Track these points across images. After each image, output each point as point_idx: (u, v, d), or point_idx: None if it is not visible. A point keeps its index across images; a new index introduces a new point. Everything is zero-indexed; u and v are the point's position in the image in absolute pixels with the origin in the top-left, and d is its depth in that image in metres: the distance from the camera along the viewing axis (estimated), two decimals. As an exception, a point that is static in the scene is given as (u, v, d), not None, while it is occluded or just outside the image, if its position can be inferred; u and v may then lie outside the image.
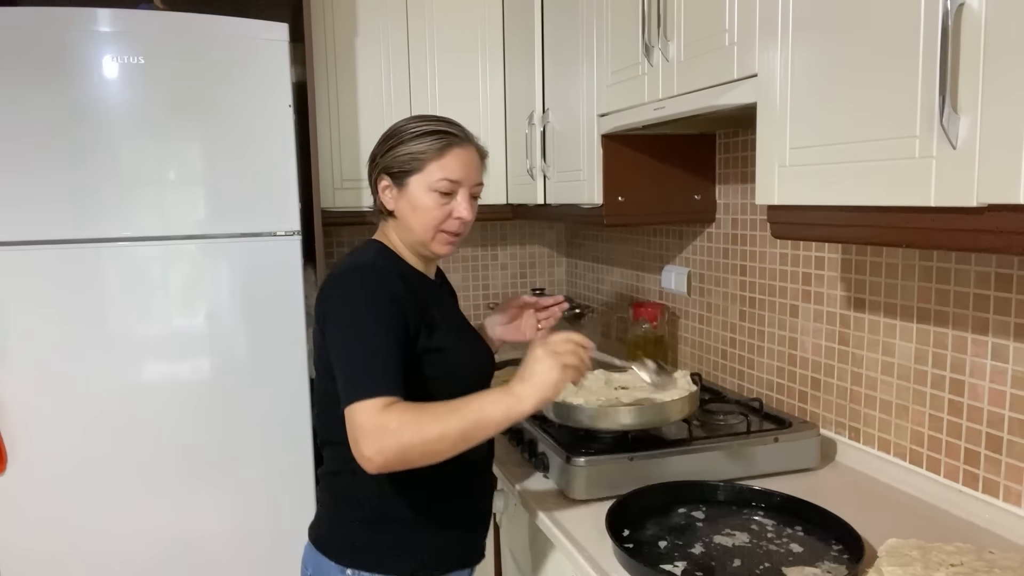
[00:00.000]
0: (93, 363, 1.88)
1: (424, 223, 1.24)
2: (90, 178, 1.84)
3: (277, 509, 2.04)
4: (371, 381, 1.07)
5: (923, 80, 0.88)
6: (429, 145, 1.23)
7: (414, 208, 1.24)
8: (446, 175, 1.23)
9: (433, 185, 1.23)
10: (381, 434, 1.02)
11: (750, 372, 1.86)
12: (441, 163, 1.23)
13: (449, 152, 1.23)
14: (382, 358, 1.10)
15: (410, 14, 2.33)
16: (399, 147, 1.25)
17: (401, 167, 1.24)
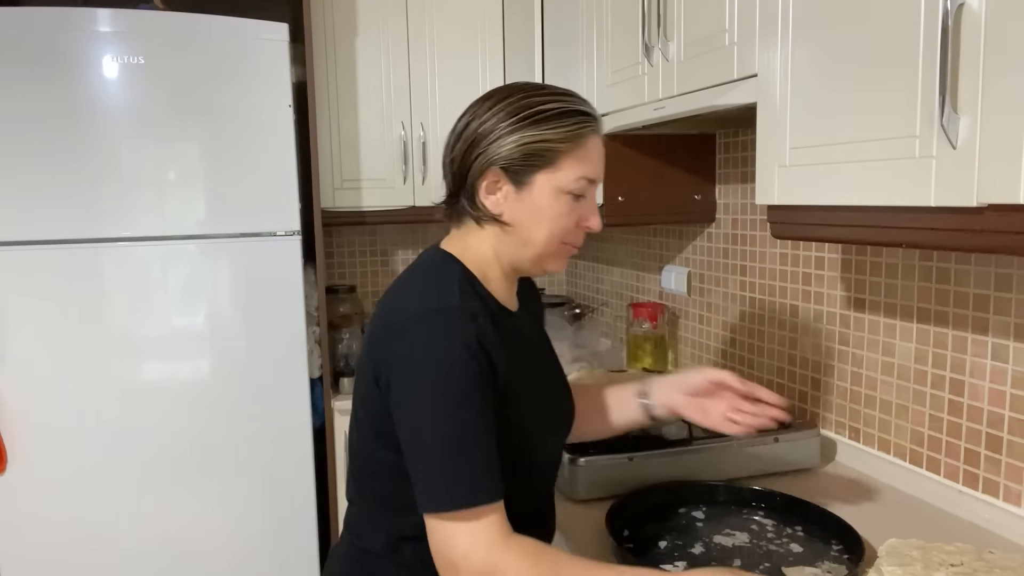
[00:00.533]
0: (93, 363, 1.88)
1: (548, 235, 0.95)
2: (90, 178, 1.84)
3: (277, 509, 2.04)
4: (474, 484, 0.84)
5: (923, 80, 0.88)
6: (569, 131, 0.93)
7: (539, 215, 0.94)
8: (586, 173, 0.94)
9: (565, 185, 0.94)
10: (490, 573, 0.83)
11: (750, 372, 1.86)
12: (580, 155, 0.94)
13: (589, 141, 0.95)
14: (482, 450, 0.85)
15: (410, 14, 2.34)
16: (526, 130, 0.92)
17: (525, 159, 0.93)
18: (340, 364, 2.31)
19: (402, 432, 0.89)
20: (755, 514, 1.29)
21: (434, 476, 0.85)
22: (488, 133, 0.93)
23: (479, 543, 0.83)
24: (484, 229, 0.98)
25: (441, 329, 0.88)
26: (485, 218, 0.96)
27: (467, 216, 0.98)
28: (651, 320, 2.14)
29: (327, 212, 2.25)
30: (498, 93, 0.96)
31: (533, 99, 0.93)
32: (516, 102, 0.93)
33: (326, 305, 2.18)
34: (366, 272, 2.76)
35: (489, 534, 0.84)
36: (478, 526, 0.84)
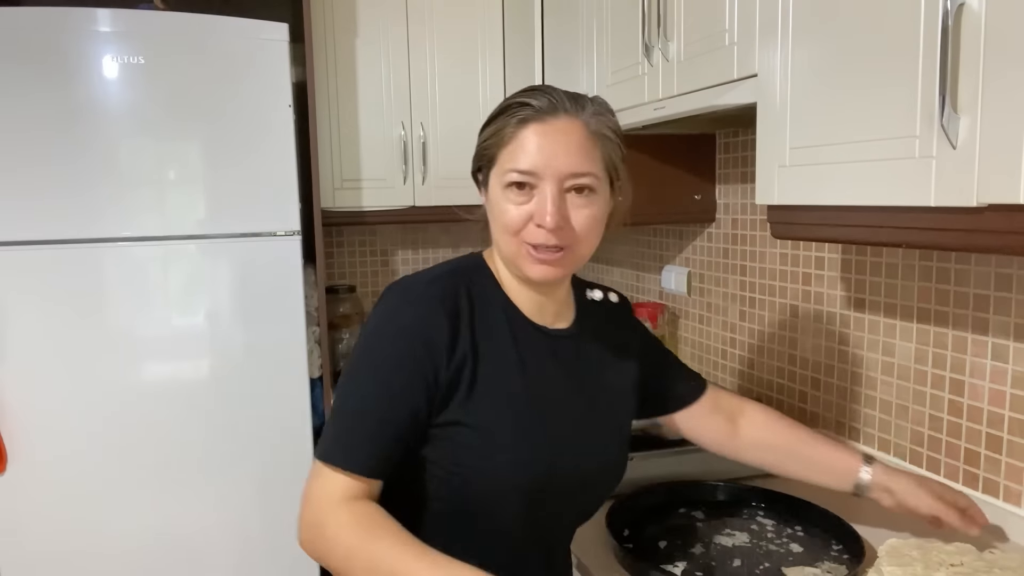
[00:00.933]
0: (93, 363, 1.87)
1: (502, 230, 0.93)
2: (90, 178, 1.84)
3: (277, 508, 2.04)
4: (346, 449, 0.88)
5: (923, 80, 0.88)
6: (497, 127, 0.93)
7: (493, 213, 0.95)
8: (514, 164, 0.90)
9: (503, 178, 0.91)
10: (315, 530, 0.86)
11: (750, 372, 1.86)
12: (512, 148, 0.91)
13: (523, 130, 0.90)
14: (375, 426, 0.89)
15: (410, 14, 2.33)
16: (480, 134, 0.96)
17: (478, 162, 0.97)
18: (340, 364, 2.31)
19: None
20: (755, 514, 1.29)
21: (329, 429, 0.91)
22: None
23: (323, 497, 0.87)
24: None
25: (390, 307, 0.92)
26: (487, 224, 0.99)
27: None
28: (651, 320, 2.14)
29: (327, 212, 2.25)
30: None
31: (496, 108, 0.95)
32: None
33: (326, 305, 2.18)
34: (366, 272, 2.76)
35: (333, 491, 0.87)
36: (331, 481, 0.87)
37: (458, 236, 2.77)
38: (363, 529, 0.84)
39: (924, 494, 1.10)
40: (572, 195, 0.91)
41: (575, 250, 0.93)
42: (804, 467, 1.18)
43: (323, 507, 0.87)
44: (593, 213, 0.92)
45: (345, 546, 0.84)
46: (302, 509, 0.88)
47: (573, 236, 0.91)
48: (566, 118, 0.91)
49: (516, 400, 0.94)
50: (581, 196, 0.91)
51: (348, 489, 0.87)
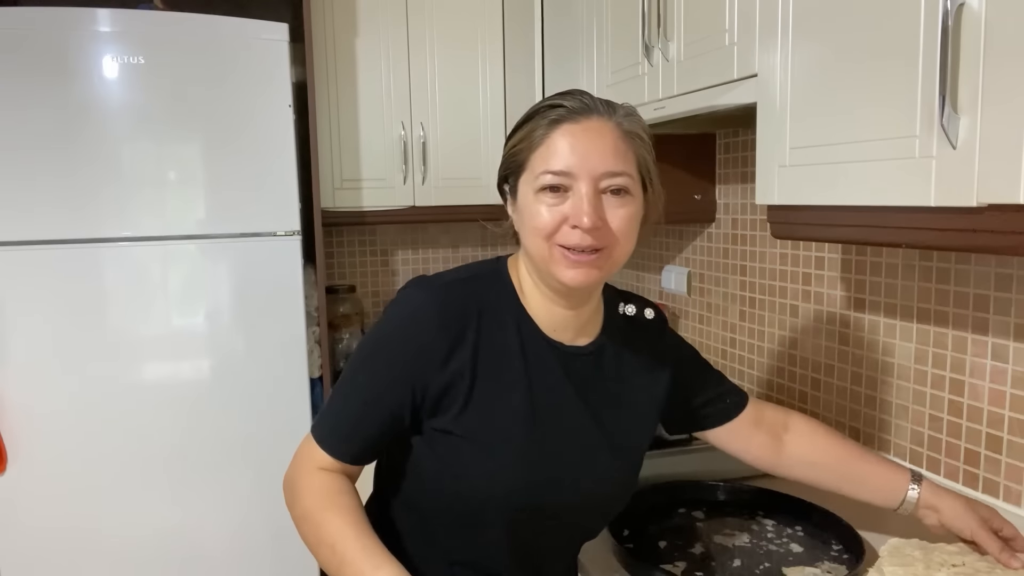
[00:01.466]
0: (93, 363, 1.87)
1: (534, 235, 0.90)
2: (90, 178, 1.84)
3: (277, 508, 2.02)
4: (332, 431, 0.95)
5: (923, 80, 0.88)
6: (527, 131, 0.91)
7: (525, 219, 0.91)
8: (547, 166, 0.88)
9: (536, 183, 0.89)
10: (290, 483, 0.96)
11: (750, 372, 1.86)
12: (542, 152, 0.89)
13: (555, 132, 0.89)
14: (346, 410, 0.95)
15: (410, 14, 2.34)
16: (506, 144, 0.95)
17: (508, 171, 0.95)
18: (340, 364, 2.31)
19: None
20: (755, 514, 1.29)
21: (323, 413, 0.98)
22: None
23: (304, 458, 0.96)
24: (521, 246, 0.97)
25: (401, 305, 0.93)
26: (515, 235, 0.97)
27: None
28: (651, 320, 2.14)
29: (327, 212, 2.25)
30: None
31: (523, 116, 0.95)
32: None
33: (326, 305, 2.18)
34: (366, 272, 2.76)
35: (312, 457, 0.95)
36: (315, 448, 0.95)
37: (458, 236, 2.77)
38: (323, 498, 0.91)
39: (971, 518, 1.06)
40: (608, 196, 0.89)
41: (612, 253, 0.90)
42: (853, 485, 1.15)
43: (301, 467, 0.96)
44: (629, 214, 0.90)
45: (303, 507, 0.92)
46: (288, 472, 0.97)
47: (610, 237, 0.89)
48: (598, 119, 0.90)
49: (514, 417, 0.93)
50: (617, 197, 0.90)
51: (326, 461, 0.95)
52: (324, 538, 0.88)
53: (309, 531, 0.91)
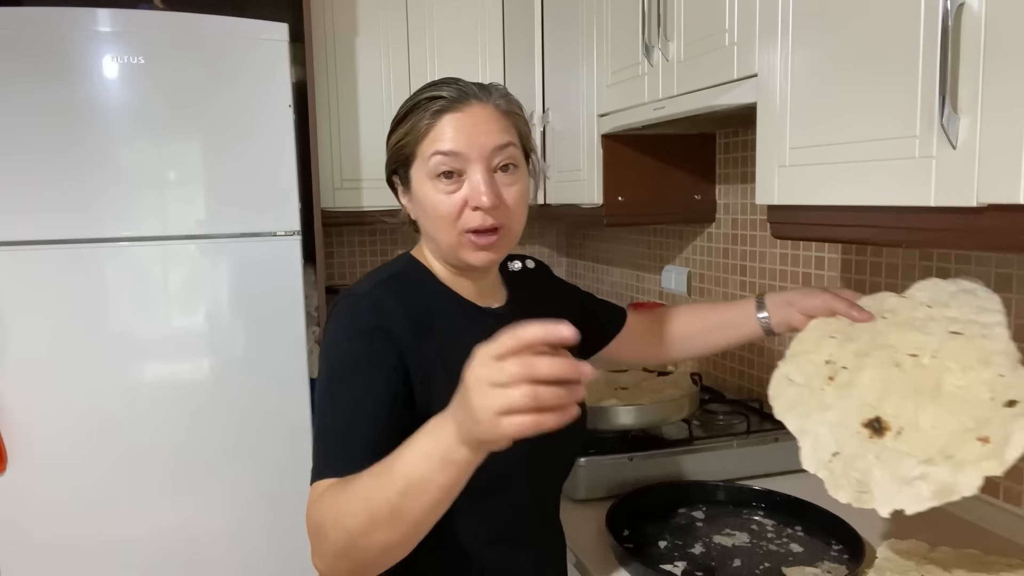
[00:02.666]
0: (93, 363, 1.88)
1: (437, 224, 0.94)
2: (90, 178, 1.84)
3: (277, 509, 2.04)
4: (322, 462, 0.84)
5: (923, 80, 0.88)
6: (414, 120, 0.94)
7: (425, 208, 0.95)
8: (437, 147, 0.92)
9: (430, 170, 0.93)
10: (318, 538, 0.78)
11: (750, 372, 1.86)
12: (432, 138, 0.92)
13: (440, 121, 0.93)
14: (345, 428, 0.86)
15: (410, 14, 2.34)
16: (391, 136, 0.98)
17: (398, 162, 0.98)
18: (340, 364, 2.31)
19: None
20: (755, 514, 1.29)
21: (315, 451, 0.87)
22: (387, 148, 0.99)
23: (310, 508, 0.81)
24: (420, 232, 1.03)
25: (339, 316, 0.92)
26: (412, 226, 1.03)
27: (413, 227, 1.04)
28: (651, 320, 2.14)
29: (327, 212, 2.25)
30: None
31: (402, 107, 0.98)
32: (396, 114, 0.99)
33: (326, 305, 2.18)
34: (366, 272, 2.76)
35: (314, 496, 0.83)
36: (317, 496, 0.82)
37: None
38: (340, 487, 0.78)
39: (819, 293, 1.13)
40: (499, 175, 0.94)
41: (510, 229, 0.96)
42: (721, 333, 1.25)
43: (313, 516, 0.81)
44: (521, 188, 0.96)
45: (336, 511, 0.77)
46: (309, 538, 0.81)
47: (508, 213, 0.94)
48: (478, 103, 0.94)
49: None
50: (507, 174, 0.94)
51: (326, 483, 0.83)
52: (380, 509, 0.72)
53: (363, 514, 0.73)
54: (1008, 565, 1.06)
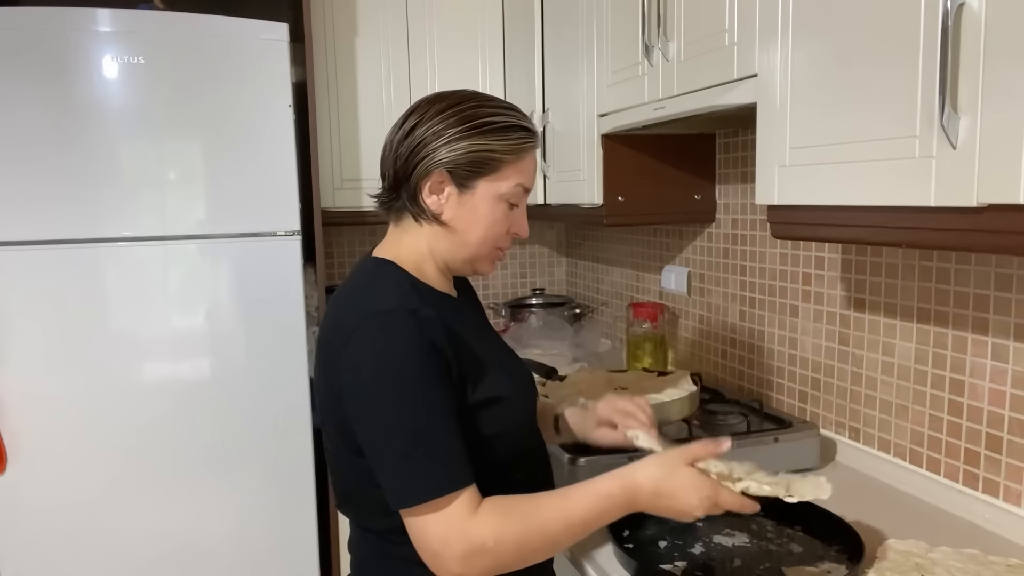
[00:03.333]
0: (93, 363, 1.87)
1: (484, 237, 1.01)
2: (90, 178, 1.84)
3: (277, 509, 2.04)
4: (438, 475, 0.86)
5: (923, 80, 0.88)
6: (514, 144, 0.99)
7: (477, 219, 1.00)
8: (523, 182, 1.00)
9: (505, 194, 0.99)
10: (477, 554, 0.85)
11: (750, 372, 1.86)
12: (520, 167, 1.00)
13: (528, 155, 1.01)
14: (443, 439, 0.88)
15: (410, 14, 2.34)
16: (475, 138, 0.97)
17: (472, 165, 0.98)
18: (340, 364, 2.31)
19: (362, 436, 0.91)
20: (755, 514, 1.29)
21: (400, 473, 0.88)
22: (437, 136, 0.97)
23: (453, 528, 0.86)
24: (422, 227, 1.02)
25: (384, 331, 0.90)
26: (425, 216, 1.01)
27: (406, 212, 1.02)
28: (651, 320, 2.14)
29: (327, 212, 2.25)
30: (447, 98, 1.00)
31: (483, 109, 0.98)
32: (467, 110, 0.98)
33: (326, 305, 2.18)
34: (366, 272, 2.76)
35: (460, 516, 0.87)
36: (449, 512, 0.86)
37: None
38: (512, 514, 0.89)
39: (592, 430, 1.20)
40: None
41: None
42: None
43: (466, 534, 0.86)
44: None
45: (513, 541, 0.88)
46: (446, 559, 0.86)
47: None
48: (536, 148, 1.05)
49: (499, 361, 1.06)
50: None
51: (467, 501, 0.88)
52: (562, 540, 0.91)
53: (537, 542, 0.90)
54: (1008, 565, 1.06)
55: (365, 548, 1.06)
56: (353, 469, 0.98)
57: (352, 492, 1.03)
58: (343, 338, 0.92)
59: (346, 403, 0.92)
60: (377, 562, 1.03)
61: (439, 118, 0.97)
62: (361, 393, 0.90)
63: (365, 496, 0.98)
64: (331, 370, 0.95)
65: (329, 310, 1.03)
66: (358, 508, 1.04)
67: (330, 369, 0.95)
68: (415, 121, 0.99)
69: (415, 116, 1.00)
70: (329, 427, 1.02)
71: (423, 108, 1.00)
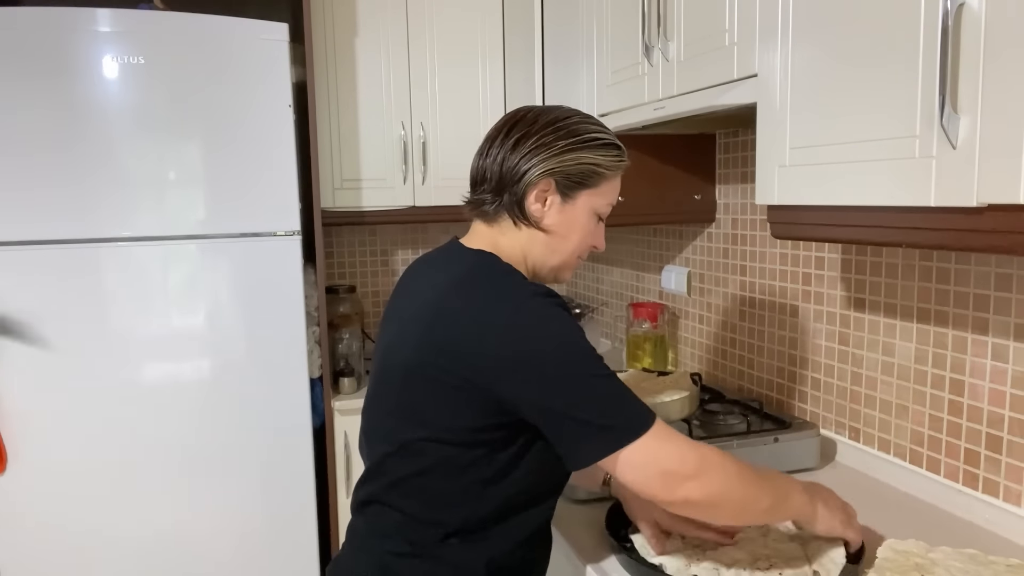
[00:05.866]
0: (93, 363, 1.88)
1: (575, 248, 1.07)
2: (90, 178, 1.84)
3: (277, 509, 2.04)
4: (644, 412, 0.92)
5: (923, 80, 0.88)
6: (614, 161, 1.05)
7: (572, 228, 1.06)
8: (613, 200, 1.08)
9: (599, 208, 1.07)
10: (708, 467, 0.91)
11: (750, 372, 1.86)
12: (614, 184, 1.08)
13: (621, 172, 1.08)
14: (627, 390, 0.94)
15: (410, 14, 2.34)
16: (583, 151, 1.03)
17: (578, 176, 1.04)
18: (340, 364, 2.31)
19: (548, 403, 0.91)
20: (755, 514, 1.29)
21: (615, 416, 0.91)
22: (549, 147, 1.01)
23: (682, 443, 0.92)
24: (520, 231, 1.05)
25: (551, 306, 0.94)
26: (525, 221, 1.04)
27: (505, 215, 1.05)
28: (651, 320, 2.14)
29: (327, 212, 2.25)
30: (553, 112, 1.05)
31: (589, 125, 1.04)
32: (574, 125, 1.03)
33: (326, 305, 2.18)
34: (366, 272, 2.76)
35: (681, 435, 0.93)
36: (671, 434, 0.92)
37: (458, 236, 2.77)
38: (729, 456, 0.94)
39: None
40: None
41: None
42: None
43: (694, 449, 0.92)
44: None
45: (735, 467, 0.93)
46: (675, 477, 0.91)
47: None
48: None
49: None
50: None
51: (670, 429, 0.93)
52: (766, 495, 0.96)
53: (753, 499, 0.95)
54: (1008, 565, 1.06)
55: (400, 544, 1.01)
56: (424, 459, 0.98)
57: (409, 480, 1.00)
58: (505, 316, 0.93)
59: (517, 378, 0.91)
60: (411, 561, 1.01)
61: (549, 129, 1.02)
62: (556, 360, 0.91)
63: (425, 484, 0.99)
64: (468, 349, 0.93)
65: (431, 292, 1.00)
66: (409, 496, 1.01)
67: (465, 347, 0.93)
68: (524, 131, 1.03)
69: (523, 126, 1.04)
70: (408, 408, 0.99)
71: (530, 119, 1.04)
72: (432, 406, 0.96)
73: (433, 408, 0.96)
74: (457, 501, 0.98)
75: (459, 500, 0.98)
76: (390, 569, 1.01)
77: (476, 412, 0.94)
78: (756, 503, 0.95)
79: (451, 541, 1.00)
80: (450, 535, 0.99)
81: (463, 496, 0.98)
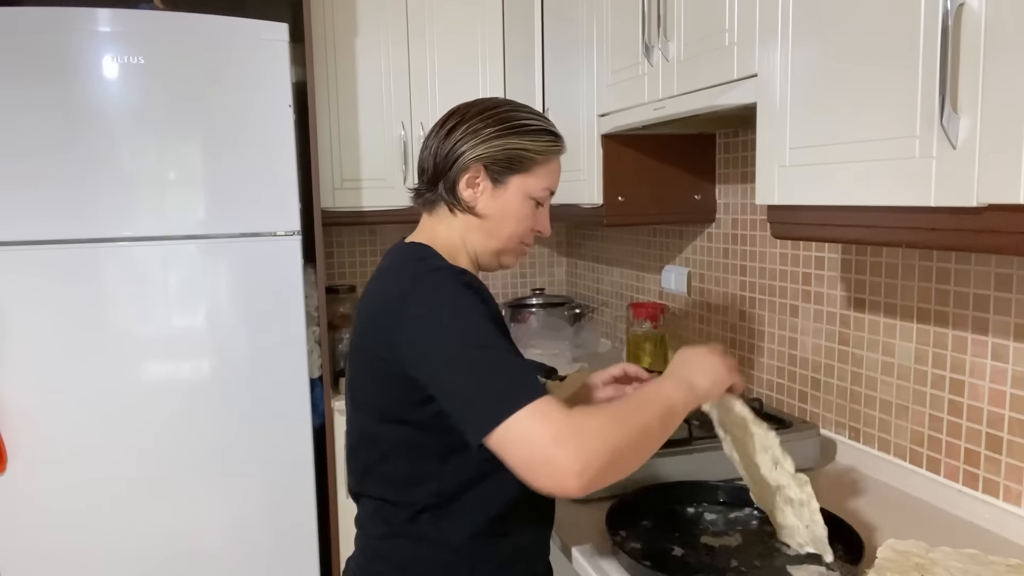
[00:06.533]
0: (93, 363, 1.88)
1: (512, 232, 1.10)
2: (90, 178, 1.84)
3: (277, 509, 2.04)
4: (525, 386, 0.87)
5: (923, 80, 0.88)
6: (545, 146, 1.08)
7: (505, 213, 1.09)
8: (550, 184, 1.11)
9: (534, 192, 1.09)
10: (582, 439, 0.83)
11: (750, 372, 1.86)
12: (548, 169, 1.10)
13: (555, 159, 1.11)
14: (520, 361, 0.92)
15: (410, 14, 2.34)
16: (510, 137, 1.06)
17: (507, 162, 1.07)
18: (340, 364, 2.31)
19: (437, 378, 0.92)
20: (755, 514, 1.29)
21: (490, 392, 0.88)
22: (476, 134, 1.06)
23: (557, 419, 0.85)
24: (456, 217, 1.10)
25: (444, 280, 0.98)
26: (460, 207, 1.09)
27: (442, 203, 1.11)
28: (651, 320, 2.14)
29: (327, 212, 2.25)
30: (484, 103, 1.10)
31: (518, 113, 1.08)
32: (503, 113, 1.08)
33: (326, 305, 2.18)
34: (366, 272, 2.76)
35: (554, 409, 0.86)
36: (544, 410, 0.85)
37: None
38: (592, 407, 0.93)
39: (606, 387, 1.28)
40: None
41: None
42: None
43: (562, 423, 0.84)
44: None
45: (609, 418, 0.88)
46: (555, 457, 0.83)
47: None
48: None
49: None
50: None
51: (554, 400, 0.88)
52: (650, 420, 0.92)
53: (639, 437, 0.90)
54: (1008, 565, 1.06)
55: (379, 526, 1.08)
56: (383, 443, 1.04)
57: (374, 467, 1.06)
58: (404, 295, 0.97)
59: (414, 352, 0.93)
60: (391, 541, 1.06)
61: (478, 118, 1.07)
62: (439, 333, 0.92)
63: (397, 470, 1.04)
64: (384, 328, 0.97)
65: (370, 288, 1.07)
66: (377, 482, 1.07)
67: (383, 327, 0.98)
68: (456, 121, 1.08)
69: (455, 117, 1.09)
70: (362, 403, 1.06)
71: (463, 110, 1.09)
72: (374, 393, 1.03)
73: (375, 394, 1.03)
74: (421, 480, 1.02)
75: (422, 479, 1.02)
76: (377, 553, 1.08)
77: (406, 392, 0.97)
78: (647, 434, 0.91)
79: (422, 517, 1.04)
80: (420, 512, 1.03)
81: (426, 475, 1.02)
